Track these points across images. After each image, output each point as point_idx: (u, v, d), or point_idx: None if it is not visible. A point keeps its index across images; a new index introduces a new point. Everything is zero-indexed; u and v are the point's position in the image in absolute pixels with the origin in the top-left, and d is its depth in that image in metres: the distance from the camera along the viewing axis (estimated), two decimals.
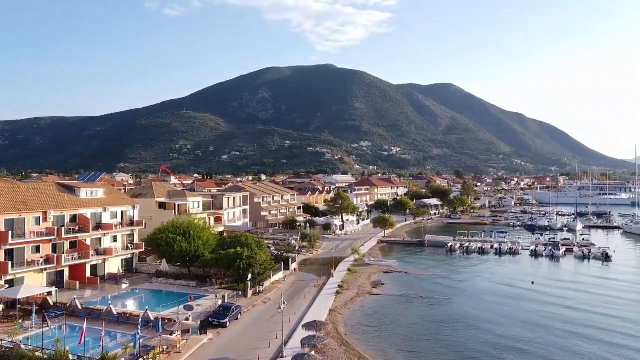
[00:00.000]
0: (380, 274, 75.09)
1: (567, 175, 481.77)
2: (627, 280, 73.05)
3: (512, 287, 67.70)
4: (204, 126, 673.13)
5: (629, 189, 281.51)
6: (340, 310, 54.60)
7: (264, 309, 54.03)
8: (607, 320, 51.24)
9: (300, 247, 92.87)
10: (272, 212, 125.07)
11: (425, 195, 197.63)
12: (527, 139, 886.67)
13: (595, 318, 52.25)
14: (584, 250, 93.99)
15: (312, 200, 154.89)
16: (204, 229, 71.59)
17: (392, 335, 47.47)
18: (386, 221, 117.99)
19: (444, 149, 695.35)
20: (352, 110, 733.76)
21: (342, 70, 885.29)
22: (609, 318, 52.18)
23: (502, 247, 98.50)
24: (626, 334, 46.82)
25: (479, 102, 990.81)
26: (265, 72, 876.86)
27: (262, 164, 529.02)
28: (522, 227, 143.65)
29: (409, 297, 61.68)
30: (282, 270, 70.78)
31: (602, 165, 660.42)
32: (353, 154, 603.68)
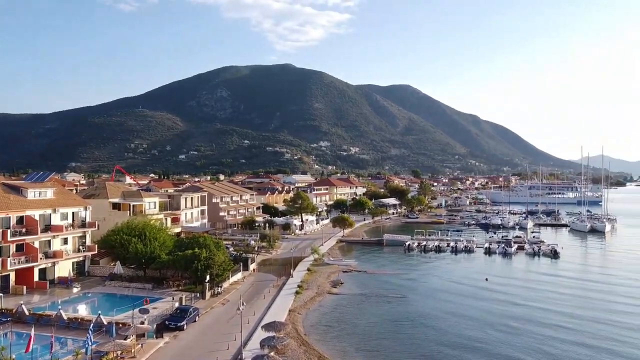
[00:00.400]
0: (339, 273, 75.41)
1: (518, 175, 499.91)
2: (574, 277, 75.84)
3: (468, 284, 69.36)
4: (160, 125, 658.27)
5: (576, 189, 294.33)
6: (300, 310, 54.48)
7: (222, 310, 53.25)
8: (555, 317, 52.89)
9: (260, 248, 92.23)
10: (231, 212, 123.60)
11: (383, 195, 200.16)
12: (481, 140, 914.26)
13: (543, 314, 53.89)
14: (534, 248, 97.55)
15: (271, 200, 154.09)
16: (160, 230, 69.93)
17: (352, 334, 47.74)
18: (345, 221, 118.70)
19: (401, 149, 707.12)
20: (311, 110, 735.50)
21: (302, 70, 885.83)
22: (557, 314, 53.95)
23: (458, 245, 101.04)
24: (572, 329, 48.50)
25: (435, 104, 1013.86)
26: (223, 70, 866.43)
27: (221, 163, 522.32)
28: (476, 225, 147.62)
29: (368, 295, 62.22)
30: (241, 271, 70.03)
31: (550, 165, 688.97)
32: (312, 154, 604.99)
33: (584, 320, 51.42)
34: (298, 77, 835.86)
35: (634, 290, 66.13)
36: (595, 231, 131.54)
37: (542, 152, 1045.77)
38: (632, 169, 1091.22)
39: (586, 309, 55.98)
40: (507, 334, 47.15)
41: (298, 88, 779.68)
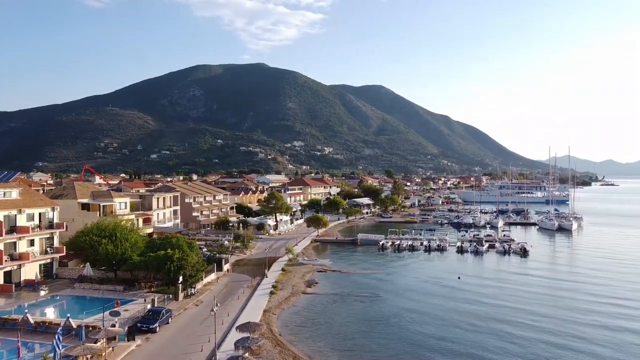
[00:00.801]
0: (314, 273, 75.44)
1: (489, 175, 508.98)
2: (542, 275, 77.27)
3: (441, 283, 70.17)
4: (131, 124, 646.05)
5: (544, 188, 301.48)
6: (275, 310, 54.25)
7: (196, 311, 52.59)
8: (525, 315, 53.65)
9: (233, 248, 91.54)
10: (204, 212, 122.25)
11: (357, 195, 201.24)
12: (452, 140, 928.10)
13: (513, 313, 54.70)
14: (504, 246, 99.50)
15: (245, 200, 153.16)
16: (131, 231, 68.60)
17: (326, 334, 47.78)
18: (319, 220, 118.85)
19: (375, 149, 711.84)
20: (285, 110, 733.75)
21: (275, 69, 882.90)
22: (527, 313, 54.80)
23: (431, 244, 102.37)
24: (540, 328, 49.37)
25: (408, 104, 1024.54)
26: (196, 69, 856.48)
27: (194, 163, 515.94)
28: (449, 224, 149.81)
29: (342, 295, 62.40)
30: (214, 272, 69.35)
31: (520, 165, 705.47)
32: (286, 154, 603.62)
33: (552, 318, 52.41)
34: (271, 76, 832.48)
35: (600, 287, 67.95)
36: (563, 229, 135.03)
37: (511, 152, 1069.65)
38: (597, 169, 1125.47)
39: (554, 307, 57.13)
40: (479, 333, 47.81)
41: (271, 88, 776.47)
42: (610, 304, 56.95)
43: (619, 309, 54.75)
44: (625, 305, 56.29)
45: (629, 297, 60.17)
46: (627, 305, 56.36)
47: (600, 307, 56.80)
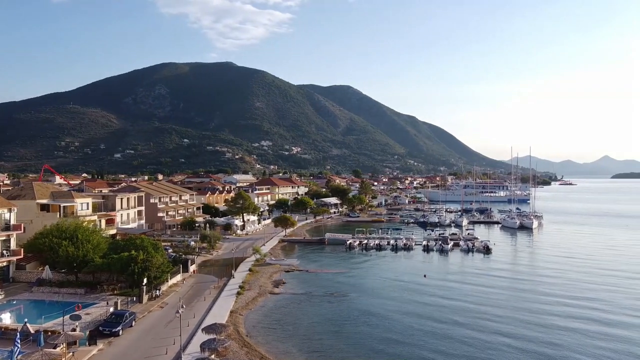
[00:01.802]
0: (281, 273, 75.25)
1: (454, 174, 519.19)
2: (504, 272, 78.73)
3: (407, 281, 71.06)
4: (93, 122, 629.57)
5: (506, 187, 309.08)
6: (242, 311, 53.82)
7: (160, 314, 51.64)
8: (487, 310, 55.06)
9: (200, 249, 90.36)
10: (170, 212, 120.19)
11: (325, 194, 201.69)
12: (419, 140, 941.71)
13: (477, 308, 56.00)
14: (468, 244, 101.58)
15: (212, 200, 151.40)
16: (93, 232, 66.76)
17: (294, 334, 47.69)
18: (287, 220, 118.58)
19: (342, 149, 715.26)
20: (253, 110, 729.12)
21: (243, 68, 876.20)
22: (489, 308, 56.23)
23: (398, 243, 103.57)
24: (502, 323, 50.59)
25: (375, 105, 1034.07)
26: (161, 67, 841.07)
27: (159, 163, 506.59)
28: (415, 223, 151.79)
29: (310, 295, 62.43)
30: (180, 273, 68.29)
31: (484, 165, 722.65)
32: (254, 154, 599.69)
33: (511, 317, 53.36)
34: (239, 75, 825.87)
35: (558, 281, 70.20)
36: (524, 228, 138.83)
37: (476, 152, 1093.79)
38: (556, 169, 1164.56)
39: (514, 305, 58.24)
40: (445, 331, 48.46)
41: (239, 87, 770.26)
42: (568, 304, 58.08)
43: (576, 309, 55.93)
44: (582, 305, 57.48)
45: (586, 297, 61.58)
46: (583, 305, 57.53)
47: (559, 308, 58.18)
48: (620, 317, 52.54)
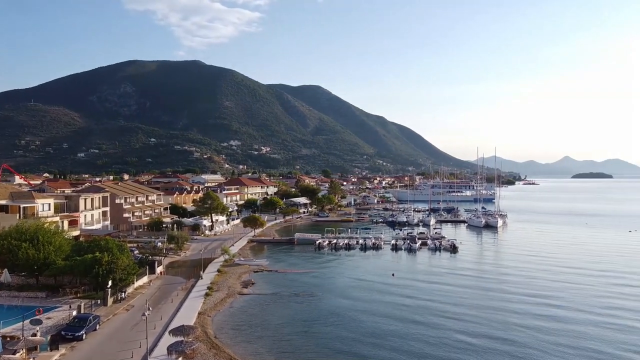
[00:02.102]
0: (250, 273, 74.80)
1: (422, 174, 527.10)
2: (469, 274, 78.59)
3: (376, 280, 71.58)
4: (56, 120, 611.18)
5: (472, 187, 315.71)
6: (210, 312, 53.24)
7: (126, 317, 50.57)
8: (454, 309, 55.77)
9: (167, 250, 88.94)
10: (136, 213, 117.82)
11: (294, 194, 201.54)
12: (387, 140, 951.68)
13: (444, 307, 56.69)
14: (435, 243, 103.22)
15: (179, 200, 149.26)
16: (55, 234, 64.72)
17: (263, 335, 47.41)
18: (256, 220, 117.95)
19: (312, 149, 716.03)
20: (222, 109, 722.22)
21: (211, 67, 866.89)
22: (456, 307, 56.94)
23: (367, 242, 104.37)
24: (469, 321, 51.34)
25: (344, 105, 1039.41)
26: (127, 65, 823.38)
27: (125, 162, 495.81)
28: (384, 223, 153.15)
29: (279, 295, 62.25)
30: (147, 275, 67.03)
31: (451, 165, 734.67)
32: (222, 153, 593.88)
33: (479, 311, 54.80)
34: (208, 74, 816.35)
35: (521, 279, 72.04)
36: (489, 226, 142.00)
37: (443, 152, 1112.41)
38: (520, 169, 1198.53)
39: (480, 301, 59.62)
40: (412, 329, 48.94)
41: (208, 86, 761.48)
42: (530, 302, 59.13)
43: (538, 306, 56.91)
44: (543, 302, 58.55)
45: (547, 295, 62.71)
46: (544, 302, 58.64)
47: (522, 306, 59.65)
48: (578, 314, 53.82)
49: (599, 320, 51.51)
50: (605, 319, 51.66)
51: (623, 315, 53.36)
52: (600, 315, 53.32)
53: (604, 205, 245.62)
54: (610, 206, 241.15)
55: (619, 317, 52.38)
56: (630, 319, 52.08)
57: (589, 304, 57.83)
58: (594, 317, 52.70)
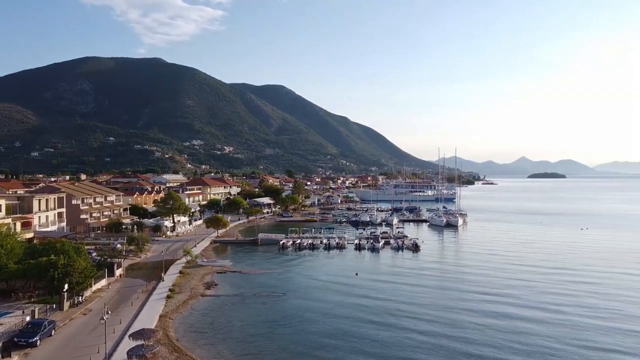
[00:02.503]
0: (213, 274, 73.86)
1: (385, 174, 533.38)
2: (430, 273, 79.35)
3: (340, 281, 71.54)
4: (7, 118, 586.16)
5: (434, 187, 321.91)
6: (172, 315, 52.23)
7: (83, 321, 49.00)
8: (416, 309, 56.10)
9: (127, 251, 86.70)
10: (94, 214, 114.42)
11: (258, 194, 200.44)
12: (351, 140, 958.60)
13: (406, 307, 56.77)
14: (398, 242, 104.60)
15: (140, 201, 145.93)
16: (7, 236, 62.00)
17: (227, 337, 46.84)
18: (219, 221, 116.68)
19: (275, 148, 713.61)
20: (184, 108, 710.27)
21: (173, 65, 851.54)
22: (417, 306, 57.33)
23: (331, 242, 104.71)
24: (430, 320, 51.99)
25: (308, 105, 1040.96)
26: (84, 61, 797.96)
27: (82, 162, 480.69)
28: (347, 222, 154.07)
29: (243, 296, 61.67)
30: (105, 277, 65.20)
31: (413, 165, 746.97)
32: (185, 153, 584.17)
33: (439, 311, 55.45)
34: (169, 72, 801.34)
35: (481, 279, 73.75)
36: (450, 225, 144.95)
37: (405, 153, 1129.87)
38: (479, 169, 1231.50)
39: (441, 300, 60.30)
40: (375, 329, 49.09)
41: (169, 84, 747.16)
42: (488, 300, 60.15)
43: (496, 304, 57.93)
44: (501, 301, 59.43)
45: (505, 293, 63.88)
46: (502, 301, 59.56)
47: (482, 297, 61.67)
48: (533, 312, 54.85)
49: (552, 317, 52.67)
50: (558, 316, 52.94)
51: (575, 312, 54.81)
52: (554, 312, 54.58)
53: (558, 205, 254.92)
54: (564, 205, 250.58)
55: (571, 314, 53.71)
56: (581, 315, 53.61)
57: (544, 302, 59.10)
58: (548, 314, 53.91)
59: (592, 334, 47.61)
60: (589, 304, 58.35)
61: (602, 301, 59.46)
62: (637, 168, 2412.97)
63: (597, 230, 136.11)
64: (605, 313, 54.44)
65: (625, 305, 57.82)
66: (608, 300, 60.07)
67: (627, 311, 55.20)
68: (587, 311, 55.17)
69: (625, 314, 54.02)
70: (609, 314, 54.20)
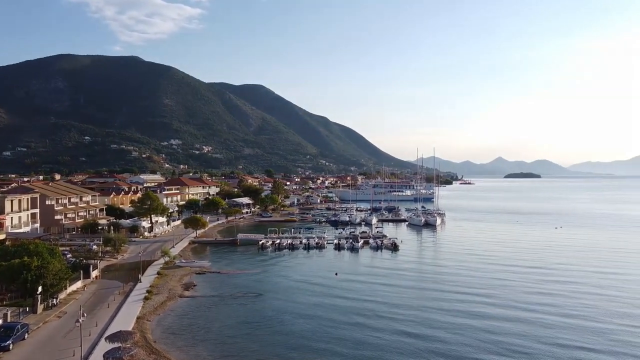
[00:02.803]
0: (192, 275, 73.17)
1: (364, 174, 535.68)
2: (408, 273, 79.77)
3: (319, 281, 71.42)
4: None
5: (412, 187, 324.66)
6: (149, 316, 51.57)
7: (58, 324, 48.03)
8: (395, 310, 56.13)
9: (103, 252, 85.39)
10: (69, 215, 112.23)
11: (237, 195, 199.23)
12: (330, 140, 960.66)
13: (385, 308, 56.66)
14: (377, 242, 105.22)
15: (116, 201, 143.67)
16: None
17: (206, 337, 46.45)
18: (198, 221, 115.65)
19: (255, 148, 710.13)
20: (162, 107, 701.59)
21: (151, 64, 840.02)
22: (396, 307, 57.23)
23: (310, 242, 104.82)
24: (408, 320, 52.17)
25: (287, 105, 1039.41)
26: (59, 58, 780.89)
27: (57, 162, 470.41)
28: (327, 222, 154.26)
29: (222, 297, 61.25)
30: (81, 279, 64.04)
31: (392, 165, 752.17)
32: (162, 153, 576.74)
33: (417, 311, 55.76)
34: (147, 71, 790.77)
35: (459, 278, 74.42)
36: (429, 225, 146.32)
37: (385, 153, 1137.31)
38: (457, 169, 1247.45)
39: (419, 300, 60.03)
40: (353, 330, 49.04)
41: (147, 83, 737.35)
42: (466, 300, 60.59)
43: (472, 304, 58.25)
44: (477, 301, 59.70)
45: (482, 293, 64.33)
46: (478, 300, 59.83)
47: (460, 297, 62.35)
48: (509, 311, 55.12)
49: (527, 316, 52.95)
50: (533, 315, 53.28)
51: (550, 311, 55.23)
52: (530, 311, 54.83)
53: (533, 204, 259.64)
54: (539, 204, 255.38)
55: (546, 314, 54.03)
56: (555, 314, 53.98)
57: (520, 301, 59.37)
58: (524, 313, 54.12)
59: (564, 332, 48.31)
60: (564, 304, 58.61)
61: (575, 300, 60.30)
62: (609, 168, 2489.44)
63: (571, 229, 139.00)
64: (579, 311, 55.34)
65: (598, 302, 59.18)
66: (581, 299, 60.91)
67: (600, 308, 56.51)
68: (559, 310, 55.71)
69: (598, 312, 55.21)
70: (582, 312, 55.12)
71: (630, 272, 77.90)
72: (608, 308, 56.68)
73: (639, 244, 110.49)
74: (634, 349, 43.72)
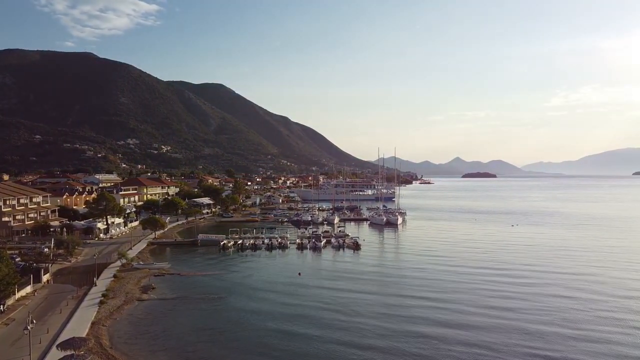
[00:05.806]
0: (150, 277, 70.93)
1: (325, 174, 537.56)
2: (370, 271, 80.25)
3: (282, 281, 70.80)
4: None
5: (374, 186, 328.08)
6: (105, 321, 49.45)
7: (5, 332, 45.33)
8: (361, 309, 56.45)
9: (55, 256, 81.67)
10: (18, 216, 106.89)
11: (197, 195, 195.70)
12: (291, 140, 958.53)
13: (345, 310, 55.57)
14: (339, 241, 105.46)
15: (69, 202, 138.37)
16: None
17: (166, 343, 44.78)
18: (156, 222, 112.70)
19: (215, 148, 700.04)
20: (117, 105, 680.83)
21: (105, 60, 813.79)
22: (362, 306, 57.46)
23: (272, 242, 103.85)
24: (373, 317, 52.50)
25: (248, 104, 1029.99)
26: (6, 53, 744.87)
27: (4, 161, 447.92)
28: (289, 222, 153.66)
29: (182, 299, 59.50)
30: (30, 284, 60.83)
31: (353, 165, 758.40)
32: (119, 152, 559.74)
33: (381, 308, 56.21)
34: (101, 68, 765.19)
35: (420, 274, 75.46)
36: (390, 224, 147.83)
37: (345, 153, 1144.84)
38: (417, 169, 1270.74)
39: (379, 308, 57.09)
40: (320, 328, 48.96)
41: (101, 80, 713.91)
42: (425, 306, 58.93)
43: (432, 310, 56.16)
44: (435, 306, 57.41)
45: (441, 298, 62.32)
46: (436, 306, 57.61)
47: (421, 293, 62.96)
48: (468, 317, 53.29)
49: (489, 322, 51.21)
50: (493, 320, 51.64)
51: (506, 315, 53.66)
52: (489, 317, 52.96)
53: (490, 203, 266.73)
54: (496, 203, 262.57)
55: (504, 318, 52.57)
56: (513, 319, 52.33)
57: (480, 305, 57.75)
58: (484, 319, 52.26)
59: (526, 336, 48.27)
60: (518, 306, 57.64)
61: (532, 301, 60.53)
62: (559, 168, 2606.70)
63: (525, 227, 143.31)
64: (535, 311, 55.12)
65: (552, 300, 60.65)
66: (537, 297, 61.30)
67: (556, 307, 57.98)
68: (516, 314, 54.07)
69: (554, 311, 56.37)
70: (538, 312, 55.02)
71: (578, 270, 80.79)
72: (564, 304, 58.35)
73: (585, 240, 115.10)
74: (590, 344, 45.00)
